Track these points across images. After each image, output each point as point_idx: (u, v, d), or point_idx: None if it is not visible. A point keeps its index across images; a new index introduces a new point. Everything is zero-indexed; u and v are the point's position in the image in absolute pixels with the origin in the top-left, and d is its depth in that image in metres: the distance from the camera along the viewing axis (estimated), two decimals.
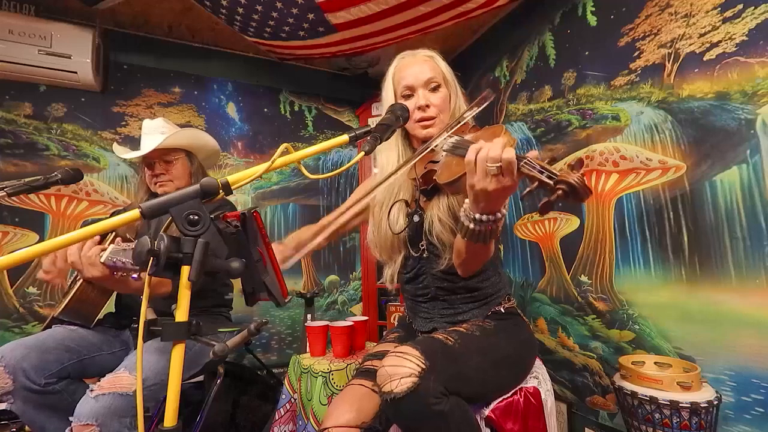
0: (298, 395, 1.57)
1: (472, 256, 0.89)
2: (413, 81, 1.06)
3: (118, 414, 1.00)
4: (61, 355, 1.18)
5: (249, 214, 0.70)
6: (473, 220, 0.77)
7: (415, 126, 1.07)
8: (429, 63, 1.09)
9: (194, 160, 1.52)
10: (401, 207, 1.08)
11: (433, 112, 1.05)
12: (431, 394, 0.78)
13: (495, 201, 0.73)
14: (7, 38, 1.89)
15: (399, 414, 0.80)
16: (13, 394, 1.10)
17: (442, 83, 1.08)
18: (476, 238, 0.80)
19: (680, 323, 1.39)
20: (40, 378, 1.12)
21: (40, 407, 1.13)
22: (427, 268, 1.07)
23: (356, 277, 2.77)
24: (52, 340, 1.20)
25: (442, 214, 1.00)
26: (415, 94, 1.06)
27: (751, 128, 1.22)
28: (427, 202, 1.06)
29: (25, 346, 1.14)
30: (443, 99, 1.07)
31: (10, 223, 1.95)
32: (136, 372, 0.58)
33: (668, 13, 1.45)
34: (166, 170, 1.44)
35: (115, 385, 1.03)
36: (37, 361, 1.13)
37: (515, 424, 0.95)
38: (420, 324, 1.12)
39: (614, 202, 1.63)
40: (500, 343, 0.98)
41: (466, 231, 0.79)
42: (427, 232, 1.02)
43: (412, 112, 1.04)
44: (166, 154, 1.43)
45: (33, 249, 0.50)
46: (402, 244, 1.10)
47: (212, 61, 2.50)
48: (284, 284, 0.75)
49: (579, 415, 1.77)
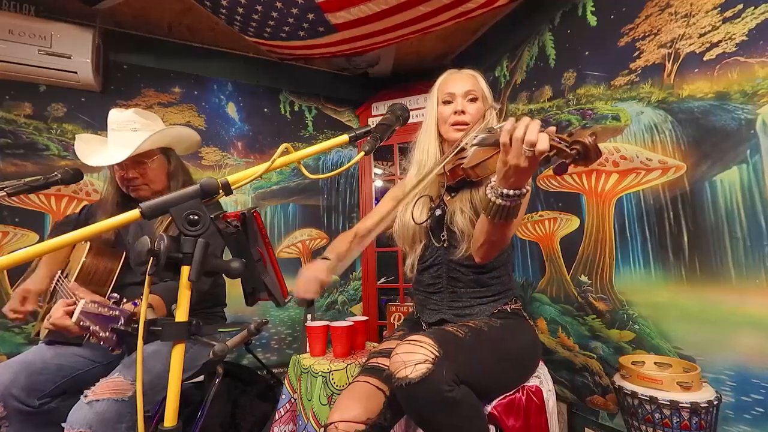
0: (298, 395, 1.57)
1: (493, 236, 0.93)
2: (455, 89, 1.18)
3: (113, 420, 0.98)
4: (53, 375, 1.14)
5: (249, 214, 0.70)
6: (501, 195, 0.81)
7: (449, 129, 1.17)
8: (471, 79, 1.21)
9: (172, 156, 1.38)
10: (425, 202, 1.17)
11: (467, 118, 1.15)
12: (444, 381, 0.80)
13: (524, 177, 0.78)
14: (7, 38, 1.89)
15: (413, 400, 0.82)
16: (8, 418, 1.06)
17: (480, 98, 1.19)
18: (501, 215, 0.83)
19: (680, 323, 1.39)
20: (33, 400, 1.09)
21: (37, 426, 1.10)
22: (444, 257, 1.13)
23: (356, 277, 2.77)
24: (40, 361, 1.15)
25: (464, 206, 1.07)
26: (454, 100, 1.17)
27: (751, 128, 1.22)
28: (451, 199, 1.14)
29: (12, 371, 1.09)
30: (478, 111, 1.17)
31: (10, 223, 1.95)
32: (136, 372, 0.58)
33: (668, 13, 1.45)
34: (140, 173, 1.29)
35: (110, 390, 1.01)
36: (26, 382, 1.09)
37: (517, 421, 0.96)
38: (428, 316, 1.15)
39: (614, 202, 1.63)
40: (507, 341, 1.01)
41: (492, 207, 0.83)
42: (448, 222, 1.10)
43: (449, 116, 1.16)
44: (140, 157, 1.27)
45: (33, 249, 0.50)
46: (423, 234, 1.17)
47: (212, 61, 2.50)
48: (284, 284, 0.75)
49: (579, 415, 1.77)
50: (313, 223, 2.67)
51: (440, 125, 1.20)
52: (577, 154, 0.68)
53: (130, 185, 1.31)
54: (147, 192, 1.34)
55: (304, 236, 2.64)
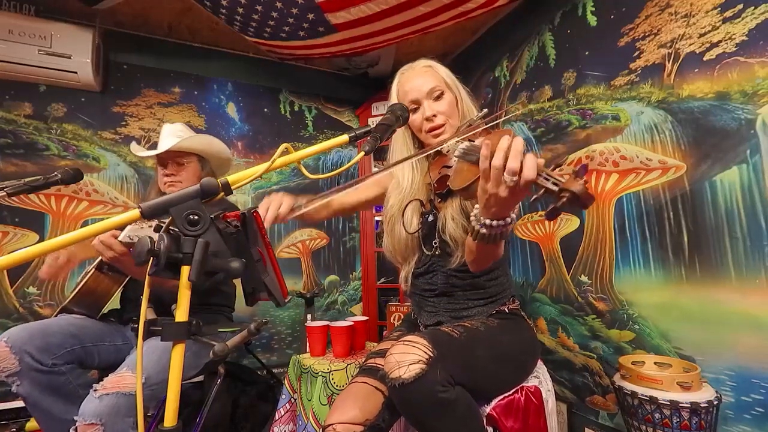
0: (298, 395, 1.57)
1: (482, 255, 0.91)
2: (417, 94, 1.09)
3: (122, 413, 1.02)
4: (66, 340, 1.22)
5: (249, 214, 0.70)
6: (483, 225, 0.78)
7: (427, 137, 1.10)
8: (429, 72, 1.11)
9: (206, 165, 1.57)
10: (416, 207, 1.11)
11: (440, 119, 1.08)
12: (438, 381, 0.79)
13: (505, 207, 0.73)
14: (7, 38, 1.89)
15: (406, 400, 0.81)
16: (20, 375, 1.12)
17: (445, 90, 1.10)
18: (486, 241, 0.80)
19: (680, 323, 1.39)
20: (47, 359, 1.15)
21: (45, 389, 1.15)
22: (439, 265, 1.10)
23: (356, 277, 2.77)
24: (56, 326, 1.24)
25: (455, 213, 1.03)
26: (420, 106, 1.09)
27: (751, 128, 1.22)
28: (442, 203, 1.08)
29: (30, 330, 1.17)
30: (449, 104, 1.09)
31: (10, 223, 1.95)
32: (137, 371, 0.58)
33: (668, 13, 1.45)
34: (176, 171, 1.49)
35: (118, 384, 1.04)
36: (42, 343, 1.16)
37: (516, 422, 0.95)
38: (425, 318, 1.14)
39: (614, 202, 1.63)
40: (504, 340, 1.00)
41: (477, 234, 0.80)
42: (440, 230, 1.05)
43: (422, 123, 1.09)
44: (179, 156, 1.48)
45: (33, 249, 0.50)
46: (416, 245, 1.12)
47: (212, 61, 2.50)
48: (284, 284, 0.75)
49: (579, 415, 1.77)
50: (312, 223, 2.67)
51: (417, 134, 1.14)
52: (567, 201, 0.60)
53: (167, 180, 1.49)
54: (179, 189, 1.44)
55: (304, 236, 2.64)
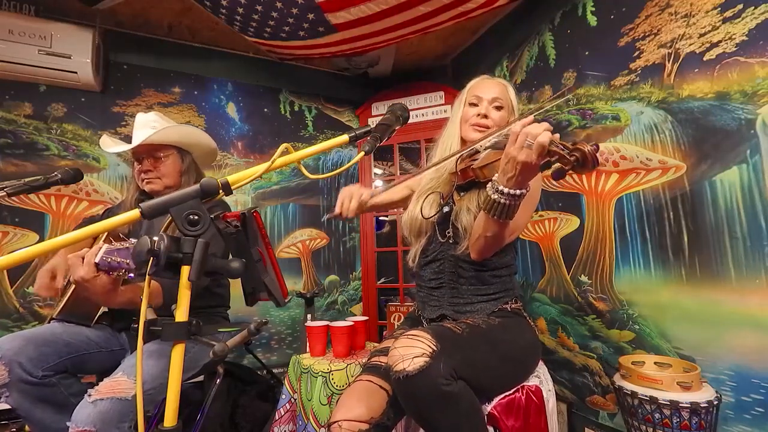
0: (298, 395, 1.57)
1: (485, 233, 0.95)
2: (483, 93, 1.19)
3: (116, 419, 1.00)
4: (60, 348, 1.19)
5: (249, 214, 0.70)
6: (498, 191, 0.84)
7: (469, 128, 1.18)
8: (501, 87, 1.21)
9: (186, 158, 1.45)
10: (435, 198, 1.19)
11: (489, 123, 1.17)
12: (442, 374, 0.80)
13: (521, 174, 0.80)
14: (7, 38, 1.89)
15: (410, 393, 0.82)
16: (9, 386, 1.09)
17: (505, 107, 1.20)
18: (497, 212, 0.86)
19: (680, 323, 1.39)
20: (37, 370, 1.12)
21: (35, 400, 1.13)
22: (446, 253, 1.15)
23: (356, 277, 2.77)
24: (50, 334, 1.20)
25: (471, 205, 1.09)
26: (480, 104, 1.19)
27: (751, 128, 1.22)
28: (460, 199, 1.15)
29: (23, 339, 1.14)
30: (501, 119, 1.19)
31: (10, 223, 1.95)
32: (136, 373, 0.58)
33: (668, 13, 1.45)
34: (154, 167, 1.38)
35: (113, 389, 1.03)
36: (34, 353, 1.12)
37: (516, 421, 0.95)
38: (429, 312, 1.17)
39: (614, 202, 1.63)
40: (505, 339, 1.01)
41: (491, 204, 0.87)
42: (453, 218, 1.12)
43: (471, 117, 1.18)
44: (155, 150, 1.37)
45: (33, 249, 0.50)
46: (429, 227, 1.20)
47: (212, 61, 2.50)
48: (284, 284, 0.76)
49: (579, 415, 1.77)
50: (313, 223, 2.67)
51: (462, 125, 1.21)
52: (575, 161, 0.71)
53: (144, 178, 1.38)
54: (159, 186, 1.39)
55: (304, 236, 2.64)
